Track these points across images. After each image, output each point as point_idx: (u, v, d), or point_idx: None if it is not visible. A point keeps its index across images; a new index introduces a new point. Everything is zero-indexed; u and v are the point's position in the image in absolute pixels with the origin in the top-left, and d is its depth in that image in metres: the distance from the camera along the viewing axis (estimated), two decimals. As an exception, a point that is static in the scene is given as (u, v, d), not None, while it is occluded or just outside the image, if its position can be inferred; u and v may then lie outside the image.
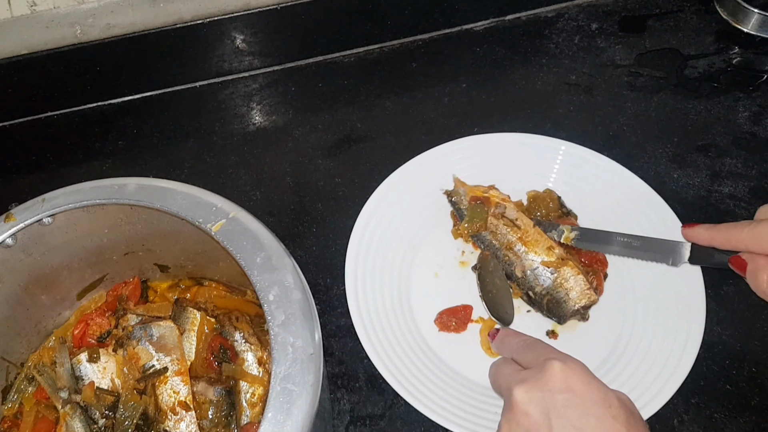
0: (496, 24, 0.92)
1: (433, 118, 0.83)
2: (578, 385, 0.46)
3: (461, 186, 0.71)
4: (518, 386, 0.47)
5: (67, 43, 0.81)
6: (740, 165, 0.76)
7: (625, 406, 0.46)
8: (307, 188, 0.78)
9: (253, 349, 0.57)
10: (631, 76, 0.85)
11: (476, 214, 0.68)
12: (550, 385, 0.46)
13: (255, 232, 0.51)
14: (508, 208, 0.68)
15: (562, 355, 0.50)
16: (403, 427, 0.61)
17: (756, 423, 0.60)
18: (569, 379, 0.46)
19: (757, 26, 0.86)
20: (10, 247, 0.54)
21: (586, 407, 0.45)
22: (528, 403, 0.46)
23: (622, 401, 0.47)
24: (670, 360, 0.60)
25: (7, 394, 0.59)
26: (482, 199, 0.69)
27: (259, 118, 0.85)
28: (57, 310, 0.63)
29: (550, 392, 0.46)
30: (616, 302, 0.66)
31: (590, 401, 0.45)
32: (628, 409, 0.46)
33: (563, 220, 0.70)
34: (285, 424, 0.42)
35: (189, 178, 0.73)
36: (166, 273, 0.65)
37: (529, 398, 0.46)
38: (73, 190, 0.55)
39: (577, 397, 0.45)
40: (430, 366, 0.62)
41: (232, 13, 0.83)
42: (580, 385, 0.46)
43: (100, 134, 0.85)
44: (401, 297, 0.67)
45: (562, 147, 0.74)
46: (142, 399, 0.54)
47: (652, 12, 0.92)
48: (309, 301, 0.48)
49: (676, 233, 0.67)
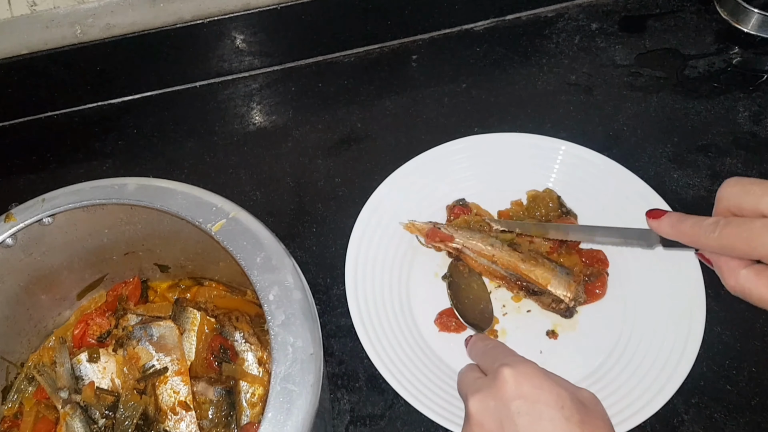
0: (496, 24, 0.92)
1: (433, 118, 0.83)
2: (529, 390, 0.45)
3: (415, 232, 0.70)
4: (473, 396, 0.47)
5: (67, 43, 0.81)
6: (740, 165, 0.76)
7: (581, 404, 0.45)
8: (307, 188, 0.78)
9: (253, 349, 0.57)
10: (631, 76, 0.85)
11: (454, 270, 0.69)
12: (501, 392, 0.46)
13: (255, 232, 0.51)
14: (465, 245, 0.68)
15: (515, 359, 0.49)
16: (403, 427, 0.61)
17: (756, 423, 0.60)
18: (520, 385, 0.45)
19: (757, 26, 0.86)
20: (10, 247, 0.54)
21: (538, 412, 0.44)
22: (482, 414, 0.46)
23: (578, 400, 0.45)
24: (670, 360, 0.60)
25: (7, 394, 0.59)
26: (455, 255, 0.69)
27: (259, 118, 0.85)
28: (57, 310, 0.63)
29: (502, 400, 0.45)
30: (616, 302, 0.66)
31: (542, 405, 0.44)
32: (584, 408, 0.45)
33: (563, 219, 0.70)
34: (285, 424, 0.42)
35: (189, 178, 0.73)
36: (166, 273, 0.65)
37: (483, 408, 0.46)
38: (73, 190, 0.55)
39: (528, 402, 0.45)
40: (430, 366, 0.62)
41: (232, 13, 0.83)
42: (530, 390, 0.45)
43: (100, 134, 0.85)
44: (401, 297, 0.67)
45: (562, 147, 0.74)
46: (142, 399, 0.54)
47: (652, 12, 0.92)
48: (309, 301, 0.48)
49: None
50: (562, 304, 0.64)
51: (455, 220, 0.71)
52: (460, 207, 0.72)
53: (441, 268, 0.69)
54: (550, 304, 0.65)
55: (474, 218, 0.70)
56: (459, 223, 0.70)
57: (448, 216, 0.72)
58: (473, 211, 0.72)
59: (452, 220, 0.71)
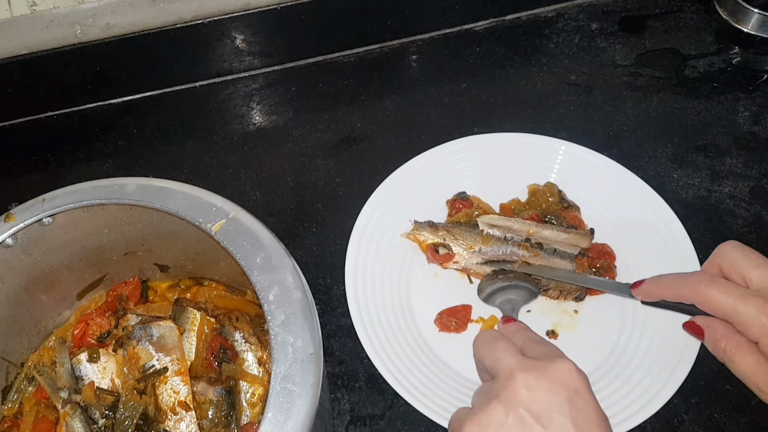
0: (496, 24, 0.92)
1: (433, 118, 0.83)
2: (584, 389, 0.46)
3: (416, 242, 0.70)
4: (524, 372, 0.46)
5: (67, 43, 0.80)
6: (740, 165, 0.76)
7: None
8: (307, 188, 0.78)
9: (253, 349, 0.57)
10: (631, 76, 0.85)
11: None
12: (559, 379, 0.45)
13: (255, 232, 0.51)
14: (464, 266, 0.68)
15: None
16: (403, 427, 0.61)
17: (756, 423, 0.60)
18: (578, 380, 0.46)
19: (757, 26, 0.87)
20: (10, 247, 0.54)
21: (590, 408, 0.45)
22: (535, 391, 0.45)
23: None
24: (670, 360, 0.60)
25: (7, 394, 0.59)
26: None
27: (259, 118, 0.85)
28: (57, 310, 0.63)
29: (559, 386, 0.45)
30: (616, 302, 0.66)
31: (593, 406, 0.45)
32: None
33: (564, 212, 0.70)
34: (285, 424, 0.42)
35: (189, 178, 0.73)
36: (166, 273, 0.65)
37: (537, 386, 0.45)
38: (73, 190, 0.55)
39: (582, 399, 0.45)
40: (430, 366, 0.62)
41: (232, 13, 0.83)
42: (585, 390, 0.46)
43: (100, 134, 0.85)
44: (401, 297, 0.67)
45: (562, 147, 0.74)
46: (142, 399, 0.54)
47: (652, 12, 0.92)
48: (309, 301, 0.48)
49: (676, 234, 0.67)
50: (571, 293, 0.65)
51: (457, 214, 0.71)
52: (461, 201, 0.71)
53: (441, 268, 0.69)
54: (558, 297, 0.66)
55: (476, 210, 0.70)
56: (460, 217, 0.70)
57: (450, 211, 0.72)
58: (474, 204, 0.71)
59: (453, 215, 0.71)
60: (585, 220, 0.71)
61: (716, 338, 0.49)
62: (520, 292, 0.65)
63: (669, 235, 0.67)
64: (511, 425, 0.44)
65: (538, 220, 0.69)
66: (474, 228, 0.68)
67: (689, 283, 0.50)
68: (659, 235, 0.67)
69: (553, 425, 0.44)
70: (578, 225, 0.70)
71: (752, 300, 0.46)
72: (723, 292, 0.48)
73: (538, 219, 0.69)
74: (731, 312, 0.47)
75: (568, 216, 0.70)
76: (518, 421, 0.44)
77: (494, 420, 0.44)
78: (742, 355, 0.48)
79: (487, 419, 0.45)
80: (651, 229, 0.68)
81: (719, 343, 0.49)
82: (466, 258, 0.67)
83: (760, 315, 0.46)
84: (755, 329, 0.46)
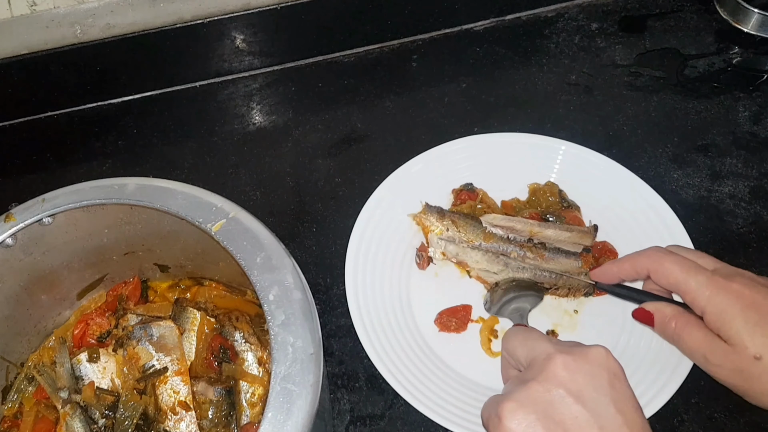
0: (496, 24, 0.92)
1: (433, 118, 0.83)
2: (621, 374, 0.47)
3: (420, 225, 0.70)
4: (561, 355, 0.46)
5: (67, 43, 0.80)
6: (740, 165, 0.76)
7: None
8: (307, 188, 0.78)
9: (253, 349, 0.57)
10: (631, 76, 0.85)
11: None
12: (597, 361, 0.46)
13: (255, 232, 0.51)
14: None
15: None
16: (403, 427, 0.61)
17: (756, 423, 0.60)
18: (616, 365, 0.47)
19: (757, 26, 0.87)
20: (10, 247, 0.54)
21: (628, 392, 0.46)
22: (574, 372, 0.45)
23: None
24: (670, 360, 0.60)
25: (7, 394, 0.59)
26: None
27: (259, 118, 0.85)
28: (57, 310, 0.63)
29: (598, 368, 0.46)
30: (616, 302, 0.65)
31: (630, 391, 0.46)
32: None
33: (565, 212, 0.70)
34: (285, 424, 0.42)
35: (189, 178, 0.73)
36: (166, 273, 0.65)
37: (576, 368, 0.45)
38: (73, 190, 0.55)
39: (620, 382, 0.46)
40: (430, 366, 0.62)
41: (232, 13, 0.83)
42: (622, 374, 0.47)
43: (100, 134, 0.85)
44: (401, 297, 0.67)
45: (562, 147, 0.74)
46: (142, 399, 0.54)
47: (652, 12, 0.92)
48: (309, 301, 0.48)
49: (676, 234, 0.67)
50: (580, 290, 0.66)
51: (461, 205, 0.71)
52: (467, 192, 0.71)
53: (441, 268, 0.69)
54: (567, 294, 0.66)
55: (480, 203, 0.70)
56: (464, 209, 0.70)
57: (455, 201, 0.72)
58: (479, 197, 0.71)
59: (458, 204, 0.71)
60: (585, 220, 0.71)
61: (665, 320, 0.53)
62: (528, 299, 0.65)
63: (669, 235, 0.67)
64: (550, 402, 0.44)
65: (538, 218, 0.69)
66: (478, 224, 0.68)
67: (645, 254, 0.55)
68: (659, 235, 0.67)
69: (593, 404, 0.44)
70: (578, 224, 0.70)
71: (701, 272, 0.52)
72: (676, 263, 0.53)
73: (539, 218, 0.69)
74: (682, 282, 0.52)
75: (568, 215, 0.70)
76: (558, 398, 0.44)
77: (533, 397, 0.44)
78: (690, 331, 0.52)
79: (525, 396, 0.45)
80: (651, 229, 0.68)
81: (669, 324, 0.53)
82: (475, 261, 0.67)
83: (706, 287, 0.51)
84: (701, 300, 0.51)
